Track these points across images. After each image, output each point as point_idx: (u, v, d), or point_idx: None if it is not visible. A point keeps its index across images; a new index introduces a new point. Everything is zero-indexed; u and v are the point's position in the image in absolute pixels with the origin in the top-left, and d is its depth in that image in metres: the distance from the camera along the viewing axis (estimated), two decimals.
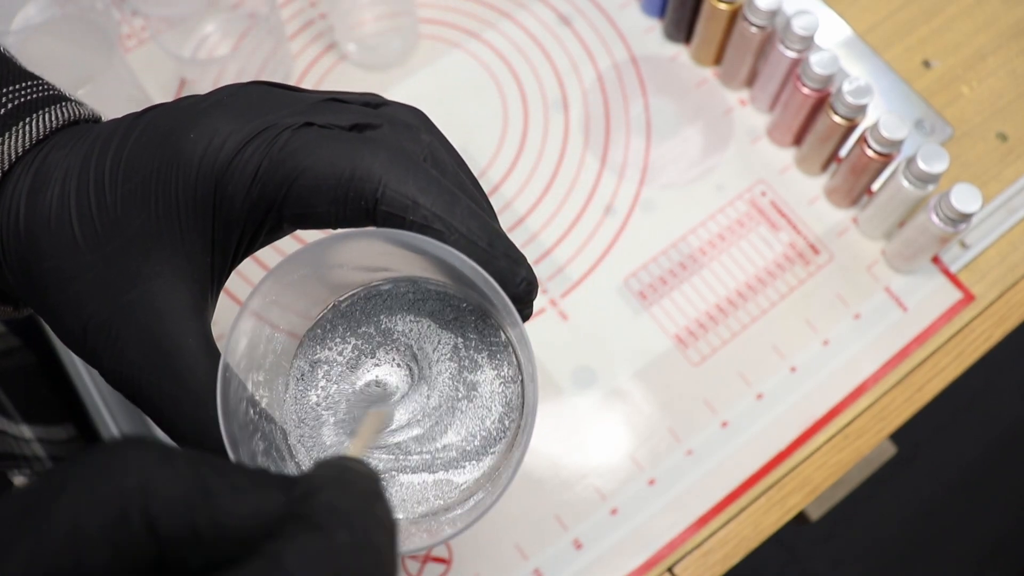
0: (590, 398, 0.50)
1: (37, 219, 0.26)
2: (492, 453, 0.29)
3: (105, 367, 0.26)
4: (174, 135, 0.26)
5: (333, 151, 0.26)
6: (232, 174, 0.26)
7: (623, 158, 0.57)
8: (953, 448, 1.24)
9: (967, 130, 0.57)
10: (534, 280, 0.27)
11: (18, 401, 0.47)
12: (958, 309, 0.52)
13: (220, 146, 0.26)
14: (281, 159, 0.26)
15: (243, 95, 0.27)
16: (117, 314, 0.26)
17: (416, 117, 0.29)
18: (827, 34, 0.60)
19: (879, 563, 1.20)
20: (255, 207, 0.26)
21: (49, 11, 0.55)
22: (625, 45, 0.60)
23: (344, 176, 0.25)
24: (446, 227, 0.25)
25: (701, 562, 0.47)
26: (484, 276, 0.24)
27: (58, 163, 0.27)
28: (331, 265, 0.28)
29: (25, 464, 0.43)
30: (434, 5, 0.61)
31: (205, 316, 0.27)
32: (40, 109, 0.28)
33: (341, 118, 0.27)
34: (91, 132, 0.27)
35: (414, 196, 0.25)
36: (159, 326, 0.26)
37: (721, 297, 0.53)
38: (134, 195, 0.26)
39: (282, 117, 0.26)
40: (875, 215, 0.52)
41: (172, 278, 0.26)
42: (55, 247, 0.26)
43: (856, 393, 0.50)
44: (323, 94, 0.28)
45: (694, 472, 0.49)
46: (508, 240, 0.26)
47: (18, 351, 0.51)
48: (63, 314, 0.26)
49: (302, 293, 0.28)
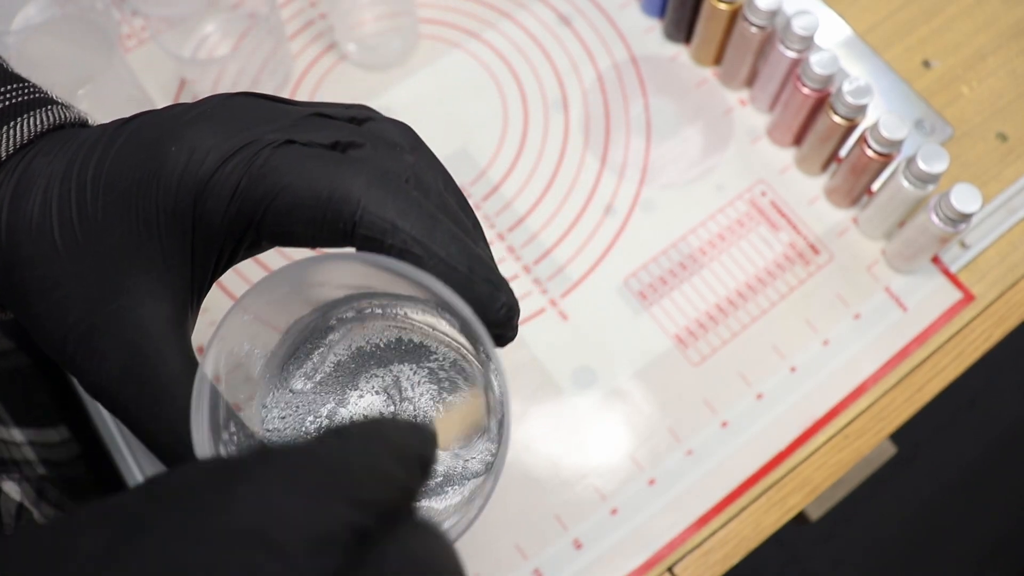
0: (590, 398, 0.50)
1: (20, 226, 0.26)
2: (473, 477, 0.29)
3: (85, 377, 0.26)
4: (156, 146, 0.26)
5: (313, 171, 0.25)
6: (212, 190, 0.26)
7: (623, 158, 0.57)
8: (953, 448, 1.24)
9: (967, 130, 0.57)
10: (515, 305, 0.26)
11: (9, 404, 0.47)
12: (958, 309, 0.52)
13: (201, 161, 0.26)
14: (261, 176, 0.25)
15: (228, 107, 0.27)
16: (98, 325, 0.26)
17: (403, 134, 0.28)
18: (827, 34, 0.60)
19: (879, 563, 1.20)
20: (234, 223, 0.26)
21: (49, 11, 0.55)
22: (625, 45, 0.60)
23: (323, 197, 0.25)
24: (425, 252, 0.25)
25: (701, 562, 0.47)
26: (461, 304, 0.24)
27: (42, 169, 0.27)
28: (312, 284, 0.27)
29: (15, 468, 0.43)
30: (434, 5, 0.61)
31: (185, 329, 0.27)
32: (25, 113, 0.28)
33: (324, 135, 0.26)
34: (76, 138, 0.27)
35: (393, 220, 0.25)
36: (139, 338, 0.26)
37: (721, 297, 0.53)
38: (116, 206, 0.26)
39: (264, 133, 0.26)
40: (875, 215, 0.52)
41: (152, 290, 0.26)
42: (37, 255, 0.26)
43: (856, 393, 0.50)
44: (309, 108, 0.28)
45: (694, 472, 0.49)
46: (489, 264, 0.26)
47: (11, 354, 0.51)
48: (44, 322, 0.26)
49: (283, 310, 0.28)
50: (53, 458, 0.47)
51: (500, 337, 0.26)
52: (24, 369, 0.51)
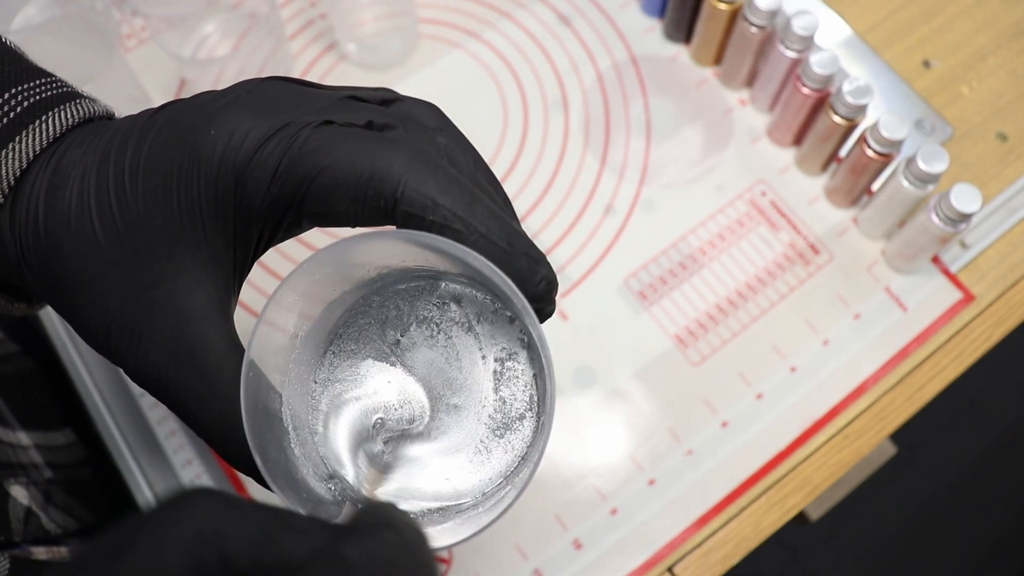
0: (590, 398, 0.50)
1: (57, 219, 0.26)
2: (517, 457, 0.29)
3: (130, 366, 0.26)
4: (193, 132, 0.26)
5: (353, 150, 0.26)
6: (253, 171, 0.26)
7: (623, 158, 0.57)
8: (953, 448, 1.24)
9: (967, 130, 0.57)
10: (554, 279, 0.26)
11: (15, 407, 0.46)
12: (958, 309, 0.52)
13: (240, 143, 0.26)
14: (301, 157, 0.26)
15: (261, 92, 0.27)
16: (141, 313, 0.26)
17: (432, 114, 0.29)
18: (827, 34, 0.60)
19: (879, 563, 1.20)
20: (275, 204, 0.26)
21: (49, 11, 0.55)
22: (625, 45, 0.60)
23: (364, 175, 0.25)
24: (465, 227, 0.25)
25: (701, 562, 0.47)
26: (503, 277, 0.24)
27: (76, 161, 0.27)
28: (354, 263, 0.28)
29: (22, 472, 0.43)
30: (434, 5, 0.61)
31: (229, 312, 0.27)
32: (55, 107, 0.28)
33: (359, 116, 0.27)
34: (107, 129, 0.27)
35: (434, 196, 0.25)
36: (184, 324, 0.26)
37: (721, 297, 0.53)
38: (155, 193, 0.26)
39: (301, 115, 0.26)
40: (875, 215, 0.52)
41: (195, 275, 0.26)
42: (76, 247, 0.26)
43: (856, 393, 0.50)
44: (340, 91, 0.28)
45: (694, 472, 0.49)
46: (527, 239, 0.26)
47: (16, 357, 0.51)
48: (86, 315, 0.26)
49: (326, 289, 0.28)
50: (60, 461, 0.47)
51: (540, 312, 0.26)
52: (29, 372, 0.51)
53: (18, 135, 0.27)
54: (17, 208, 0.27)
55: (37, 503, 0.42)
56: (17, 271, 0.27)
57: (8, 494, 0.40)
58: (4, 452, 0.43)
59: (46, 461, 0.46)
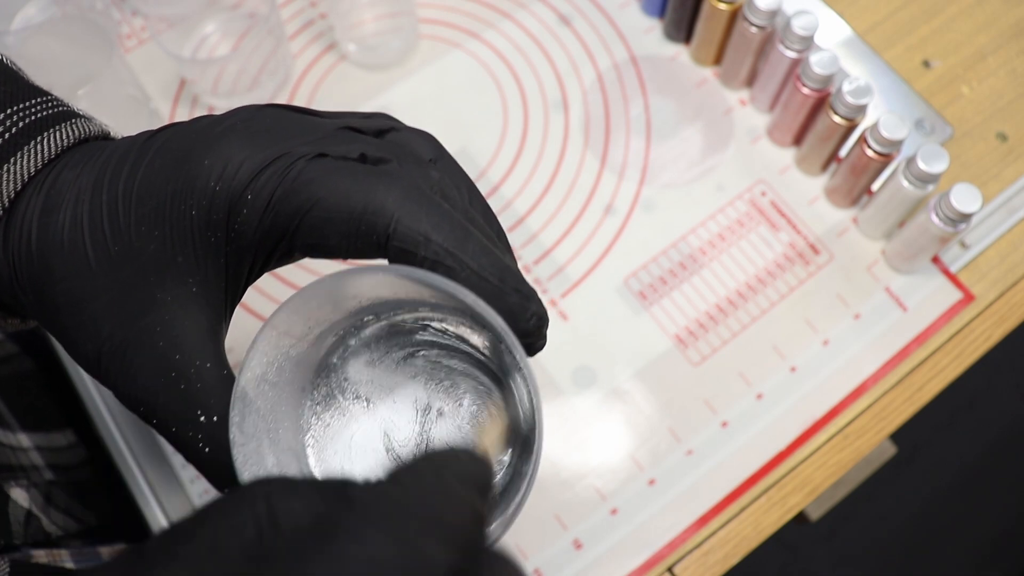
0: (590, 398, 0.50)
1: (50, 241, 0.26)
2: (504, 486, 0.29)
3: (120, 390, 0.26)
4: (188, 160, 0.26)
5: (347, 184, 0.26)
6: (246, 201, 0.26)
7: (623, 158, 0.57)
8: (953, 448, 1.24)
9: (967, 130, 0.57)
10: (544, 314, 0.27)
11: (15, 409, 0.46)
12: (958, 309, 0.52)
13: (234, 173, 0.26)
14: (295, 189, 0.26)
15: (258, 120, 0.27)
16: (132, 338, 0.26)
17: (427, 144, 0.29)
18: (827, 34, 0.60)
19: (879, 563, 1.20)
20: (267, 235, 0.26)
21: (49, 11, 0.55)
22: (625, 45, 0.60)
23: (357, 210, 0.25)
24: (457, 263, 0.25)
25: (701, 562, 0.47)
26: (493, 315, 0.24)
27: (70, 183, 0.27)
28: (346, 296, 0.28)
29: (22, 474, 0.43)
30: (434, 5, 0.61)
31: (219, 339, 0.27)
32: (51, 127, 0.28)
33: (354, 148, 0.27)
34: (103, 151, 0.27)
35: (426, 232, 0.25)
36: (174, 350, 0.26)
37: (721, 297, 0.53)
38: (148, 220, 0.26)
39: (296, 146, 0.26)
40: (875, 215, 0.52)
41: (186, 302, 0.26)
42: (68, 270, 0.26)
43: (856, 393, 0.50)
44: (337, 121, 0.28)
45: (694, 472, 0.49)
46: (519, 275, 0.26)
47: (15, 358, 0.51)
48: (77, 337, 0.26)
49: (316, 322, 0.28)
50: (60, 463, 0.47)
51: (530, 346, 0.26)
52: (29, 373, 0.51)
53: (13, 156, 0.26)
54: (11, 229, 0.27)
55: (38, 505, 0.41)
56: (10, 290, 0.27)
57: (8, 497, 0.40)
58: (4, 454, 0.43)
59: (47, 463, 0.46)
